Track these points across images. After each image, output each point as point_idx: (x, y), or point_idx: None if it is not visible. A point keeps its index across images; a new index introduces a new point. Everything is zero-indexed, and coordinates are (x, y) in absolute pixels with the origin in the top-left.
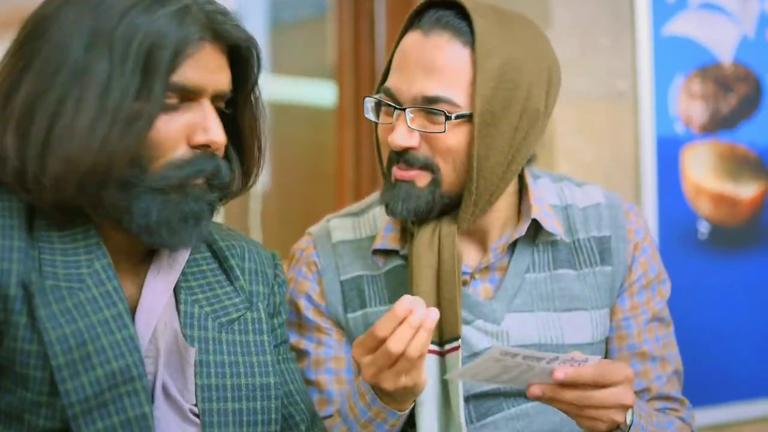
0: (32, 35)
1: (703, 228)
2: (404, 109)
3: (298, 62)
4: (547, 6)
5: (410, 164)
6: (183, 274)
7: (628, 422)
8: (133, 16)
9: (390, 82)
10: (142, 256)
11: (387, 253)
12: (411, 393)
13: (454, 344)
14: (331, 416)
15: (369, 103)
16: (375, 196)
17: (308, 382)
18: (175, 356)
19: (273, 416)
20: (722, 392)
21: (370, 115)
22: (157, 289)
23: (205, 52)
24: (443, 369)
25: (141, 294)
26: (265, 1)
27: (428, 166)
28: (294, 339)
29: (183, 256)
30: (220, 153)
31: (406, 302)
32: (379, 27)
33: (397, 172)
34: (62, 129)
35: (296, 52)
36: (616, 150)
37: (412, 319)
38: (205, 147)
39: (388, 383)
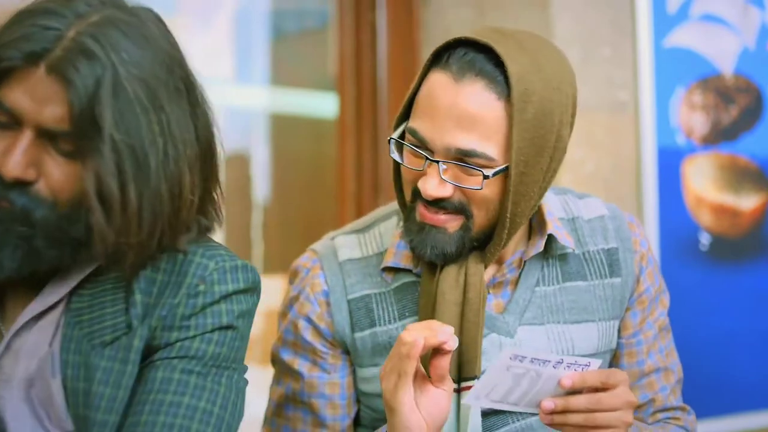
0: None
1: (705, 239)
2: (437, 162)
3: (299, 73)
4: (548, 16)
5: (441, 209)
6: (79, 294)
7: None
8: (15, 26)
9: (417, 125)
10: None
11: (397, 269)
12: (391, 412)
13: (470, 383)
14: None
15: (392, 143)
16: (379, 211)
17: (301, 403)
18: (42, 387)
19: None
20: (724, 404)
21: (395, 156)
22: (32, 307)
23: (36, 78)
24: (458, 405)
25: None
26: (265, 13)
27: (461, 211)
28: (289, 357)
29: (75, 278)
30: (47, 188)
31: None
32: (381, 38)
33: (426, 215)
34: None
35: (297, 63)
36: (617, 161)
37: (434, 324)
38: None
39: (387, 382)
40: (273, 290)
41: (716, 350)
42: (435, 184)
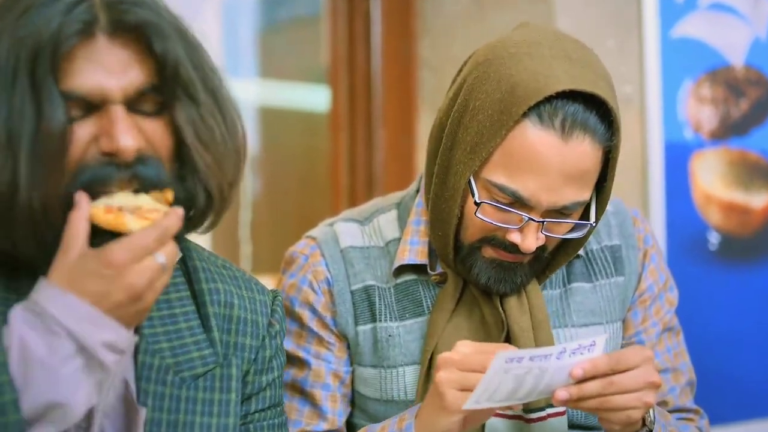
0: None
1: (713, 238)
2: (542, 221)
3: (289, 65)
4: (550, 6)
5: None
6: (150, 318)
7: (651, 417)
8: (27, 17)
9: (518, 186)
10: None
11: (402, 267)
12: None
13: (541, 413)
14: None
15: (482, 202)
16: (377, 202)
17: (300, 392)
18: (117, 414)
19: None
20: (734, 410)
21: (485, 217)
22: None
23: (98, 47)
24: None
25: None
26: (254, 1)
27: (540, 249)
28: (291, 347)
29: None
30: (153, 152)
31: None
32: (375, 28)
33: (506, 256)
34: None
35: (288, 54)
36: (622, 157)
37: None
38: (114, 156)
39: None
40: None
41: (725, 354)
42: (534, 241)
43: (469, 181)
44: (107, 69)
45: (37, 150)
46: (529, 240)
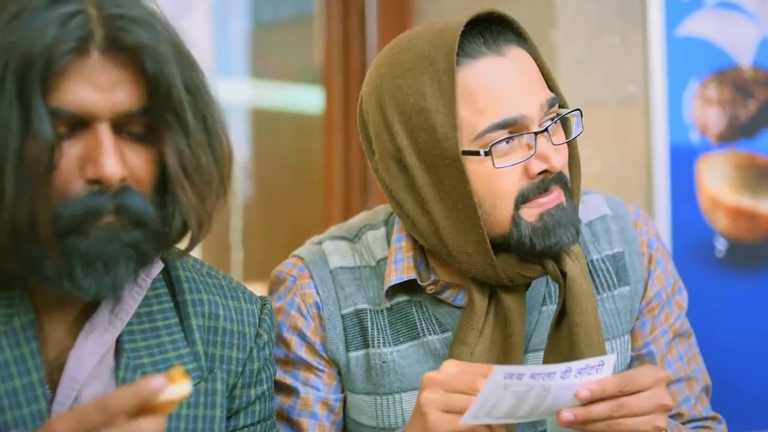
0: None
1: (720, 244)
2: (545, 130)
3: (282, 65)
4: (551, 2)
5: (552, 182)
6: (130, 332)
7: None
8: (17, 24)
9: (506, 112)
10: (83, 306)
11: (392, 289)
12: None
13: None
14: None
15: (489, 150)
16: (364, 217)
17: (286, 420)
18: None
19: None
20: (741, 421)
21: (505, 163)
22: (85, 354)
23: (91, 65)
24: None
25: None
26: None
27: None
28: (278, 374)
29: (126, 312)
30: (135, 181)
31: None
32: (370, 26)
33: (545, 203)
34: None
35: (280, 53)
36: (626, 159)
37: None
38: (99, 183)
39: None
40: None
41: (732, 364)
42: (556, 153)
43: (463, 157)
44: (98, 87)
45: (23, 164)
46: (552, 153)
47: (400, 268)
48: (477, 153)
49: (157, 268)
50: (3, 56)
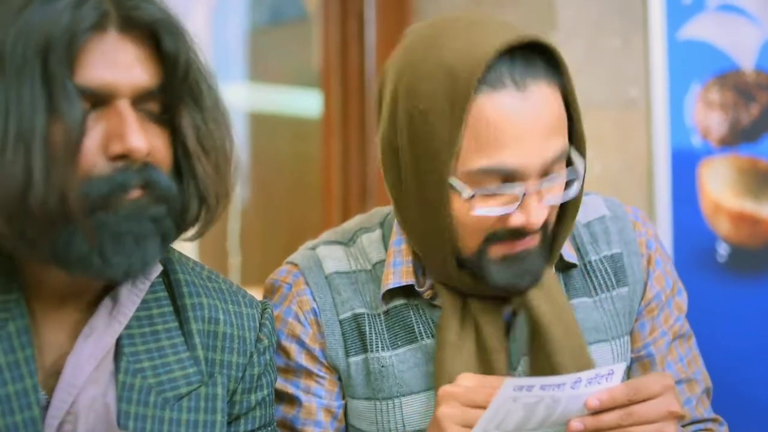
0: None
1: (723, 250)
2: (540, 189)
3: (280, 68)
4: (550, 4)
5: (534, 231)
6: (130, 335)
7: None
8: (29, 12)
9: (504, 159)
10: (86, 305)
11: (389, 293)
12: None
13: None
14: None
15: (473, 195)
16: (359, 220)
17: (292, 430)
18: None
19: None
20: (744, 425)
21: (483, 211)
22: (83, 358)
23: (109, 43)
24: None
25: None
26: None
27: (542, 226)
28: (279, 383)
29: (125, 314)
30: (155, 161)
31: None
32: (369, 29)
33: (515, 246)
34: None
35: (278, 56)
36: (626, 163)
37: None
38: (125, 158)
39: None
40: None
41: (734, 370)
42: (539, 213)
43: (450, 184)
44: (117, 64)
45: (51, 144)
46: (535, 213)
47: (399, 272)
48: (460, 193)
49: (156, 270)
50: (21, 39)
